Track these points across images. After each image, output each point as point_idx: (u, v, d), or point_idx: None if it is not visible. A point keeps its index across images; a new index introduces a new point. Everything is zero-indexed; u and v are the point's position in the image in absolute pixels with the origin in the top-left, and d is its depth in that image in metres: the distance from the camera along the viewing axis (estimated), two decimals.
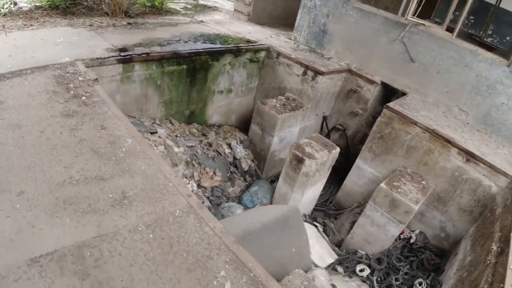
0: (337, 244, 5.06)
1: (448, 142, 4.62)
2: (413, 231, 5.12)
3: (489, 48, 6.00)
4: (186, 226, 2.29)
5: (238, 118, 6.16)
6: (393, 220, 4.55)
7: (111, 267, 1.97)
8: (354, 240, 4.97)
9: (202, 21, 6.28)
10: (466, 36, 7.16)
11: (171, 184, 2.59)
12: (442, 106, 5.38)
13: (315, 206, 5.46)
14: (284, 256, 3.65)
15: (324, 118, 6.25)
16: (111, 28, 5.09)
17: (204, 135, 5.32)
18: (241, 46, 5.45)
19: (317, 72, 5.39)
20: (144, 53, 4.33)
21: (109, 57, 4.06)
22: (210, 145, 5.18)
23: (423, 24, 5.20)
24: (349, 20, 5.79)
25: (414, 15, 5.19)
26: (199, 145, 5.03)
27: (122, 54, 4.20)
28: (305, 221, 4.77)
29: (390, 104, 4.98)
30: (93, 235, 2.12)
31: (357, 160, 5.45)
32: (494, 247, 3.79)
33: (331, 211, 5.47)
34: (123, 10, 5.57)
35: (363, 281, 4.37)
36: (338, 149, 4.74)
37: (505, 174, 4.35)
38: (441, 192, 4.86)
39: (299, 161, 4.33)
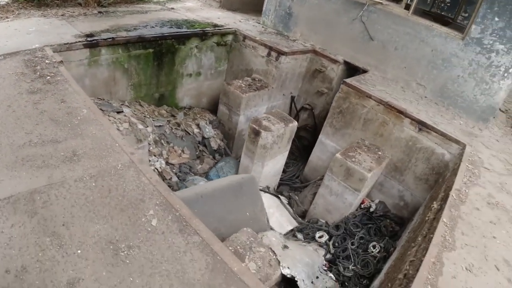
0: (301, 215, 5.48)
1: (401, 113, 5.01)
2: (373, 201, 5.53)
3: (448, 23, 6.35)
4: (125, 176, 2.73)
5: (209, 101, 6.58)
6: (349, 188, 4.96)
7: (56, 208, 2.40)
8: (316, 210, 5.39)
9: (172, 8, 6.70)
10: (432, 14, 7.52)
11: (117, 144, 3.02)
12: (401, 81, 5.76)
13: (282, 180, 5.89)
14: (238, 219, 4.07)
15: (292, 99, 6.65)
16: (81, 17, 5.52)
17: (173, 116, 5.75)
18: (207, 30, 5.86)
19: (280, 53, 5.78)
20: (109, 38, 4.75)
21: (76, 42, 4.49)
22: (178, 125, 5.61)
23: (381, 3, 5.57)
24: (312, 1, 6.17)
25: None
26: (167, 125, 5.46)
27: (89, 39, 4.62)
28: (267, 192, 5.19)
29: (347, 80, 5.37)
30: (44, 184, 2.55)
31: (320, 136, 5.86)
32: (435, 205, 4.20)
33: (296, 184, 5.90)
34: (96, 0, 5.99)
35: (320, 246, 4.79)
36: (295, 123, 5.15)
37: (457, 141, 4.72)
38: (397, 162, 5.26)
39: (256, 133, 4.75)
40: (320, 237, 4.96)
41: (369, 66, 5.98)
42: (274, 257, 3.45)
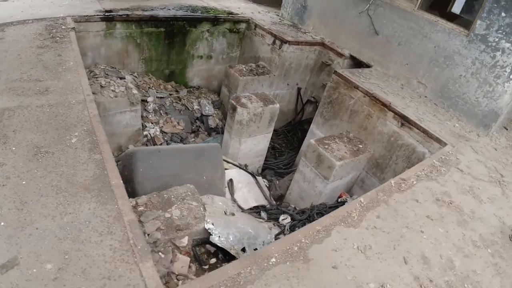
0: (277, 199, 5.82)
1: (385, 105, 5.10)
2: (351, 196, 5.59)
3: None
4: (73, 109, 3.55)
5: (219, 85, 7.30)
6: (319, 175, 5.18)
7: (14, 120, 3.31)
8: (291, 196, 5.68)
9: None
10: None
11: (81, 87, 3.89)
12: (402, 78, 5.77)
13: (268, 165, 6.29)
14: (193, 179, 4.62)
15: (299, 90, 7.01)
16: None
17: (177, 91, 6.59)
18: (219, 16, 6.62)
19: (283, 41, 6.25)
20: (124, 14, 5.80)
21: (94, 15, 5.61)
22: (179, 99, 6.43)
23: None
24: None
25: None
26: (168, 98, 6.31)
27: (106, 14, 5.72)
28: (241, 168, 5.65)
29: (339, 70, 5.60)
30: (15, 105, 3.49)
31: (311, 126, 6.14)
32: None
33: (281, 170, 6.24)
34: None
35: (278, 226, 5.09)
36: (277, 105, 5.55)
37: (438, 140, 4.68)
38: (379, 158, 5.31)
39: (234, 109, 5.29)
40: (283, 219, 5.25)
41: (372, 61, 6.09)
42: (203, 212, 3.95)
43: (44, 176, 2.75)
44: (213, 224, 3.87)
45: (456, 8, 5.37)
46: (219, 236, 3.84)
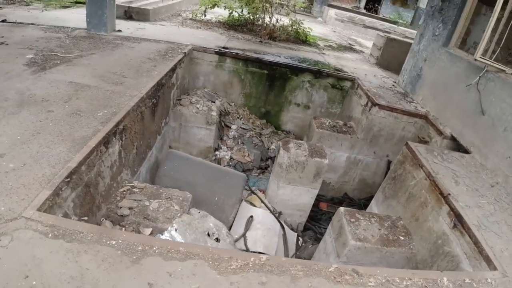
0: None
1: (442, 194, 3.97)
2: None
3: None
4: (122, 98, 4.51)
5: None
6: (334, 250, 4.40)
7: (84, 93, 4.55)
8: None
9: (323, 53, 7.96)
10: None
11: (143, 88, 4.89)
12: (500, 175, 4.32)
13: (311, 225, 5.74)
14: (204, 196, 4.84)
15: (389, 163, 6.17)
16: (243, 40, 7.94)
17: (262, 129, 7.02)
18: (323, 70, 6.77)
19: (373, 103, 5.81)
20: (234, 53, 6.82)
21: (211, 48, 6.87)
22: (260, 135, 6.83)
23: (503, 71, 4.54)
24: (440, 64, 5.69)
25: (491, 57, 4.65)
26: (250, 131, 6.83)
27: (221, 49, 6.89)
28: (272, 213, 5.39)
29: (410, 142, 4.74)
30: (93, 85, 4.79)
31: (372, 200, 5.28)
32: None
33: (318, 234, 5.54)
34: (271, 35, 8.33)
35: None
36: (325, 161, 5.12)
37: (488, 260, 3.31)
38: (420, 261, 4.09)
39: (278, 151, 5.25)
40: None
41: (473, 147, 4.83)
42: (178, 217, 4.14)
43: (63, 125, 3.64)
44: (176, 230, 4.01)
45: None
46: (176, 230, 3.89)
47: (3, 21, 6.82)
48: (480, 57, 4.65)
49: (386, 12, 21.14)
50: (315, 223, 5.99)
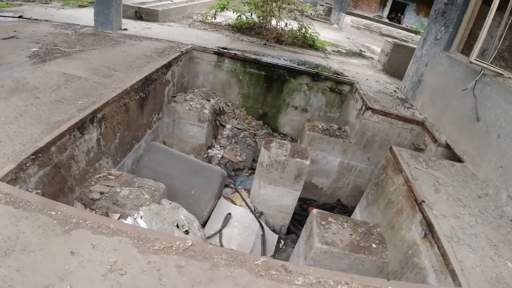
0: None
1: (416, 201, 3.71)
2: None
3: None
4: (106, 89, 4.60)
5: None
6: (303, 253, 4.21)
7: (73, 83, 4.71)
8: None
9: (328, 58, 7.78)
10: None
11: (128, 81, 4.98)
12: (491, 186, 3.97)
13: (295, 229, 5.54)
14: (181, 189, 4.83)
15: None
16: (247, 42, 7.92)
17: (257, 130, 6.93)
18: (321, 72, 6.61)
19: (367, 107, 5.58)
20: (233, 53, 6.83)
21: (210, 48, 6.91)
22: (254, 135, 6.75)
23: (501, 74, 4.21)
24: (440, 69, 5.38)
25: (489, 60, 4.33)
26: (245, 131, 6.77)
27: (220, 50, 6.92)
28: (252, 212, 5.25)
29: (394, 146, 4.48)
30: (84, 77, 4.94)
31: (357, 207, 5.03)
32: None
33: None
34: (278, 38, 8.29)
35: None
36: (306, 162, 4.93)
37: (454, 275, 3.03)
38: (391, 272, 3.82)
39: (260, 150, 5.15)
40: None
41: (466, 156, 4.49)
42: (147, 203, 4.11)
43: (44, 110, 3.72)
44: (141, 217, 4.00)
45: None
46: (141, 217, 3.88)
47: (20, 17, 7.22)
48: (476, 59, 4.36)
49: (409, 22, 20.61)
50: (301, 228, 5.78)
